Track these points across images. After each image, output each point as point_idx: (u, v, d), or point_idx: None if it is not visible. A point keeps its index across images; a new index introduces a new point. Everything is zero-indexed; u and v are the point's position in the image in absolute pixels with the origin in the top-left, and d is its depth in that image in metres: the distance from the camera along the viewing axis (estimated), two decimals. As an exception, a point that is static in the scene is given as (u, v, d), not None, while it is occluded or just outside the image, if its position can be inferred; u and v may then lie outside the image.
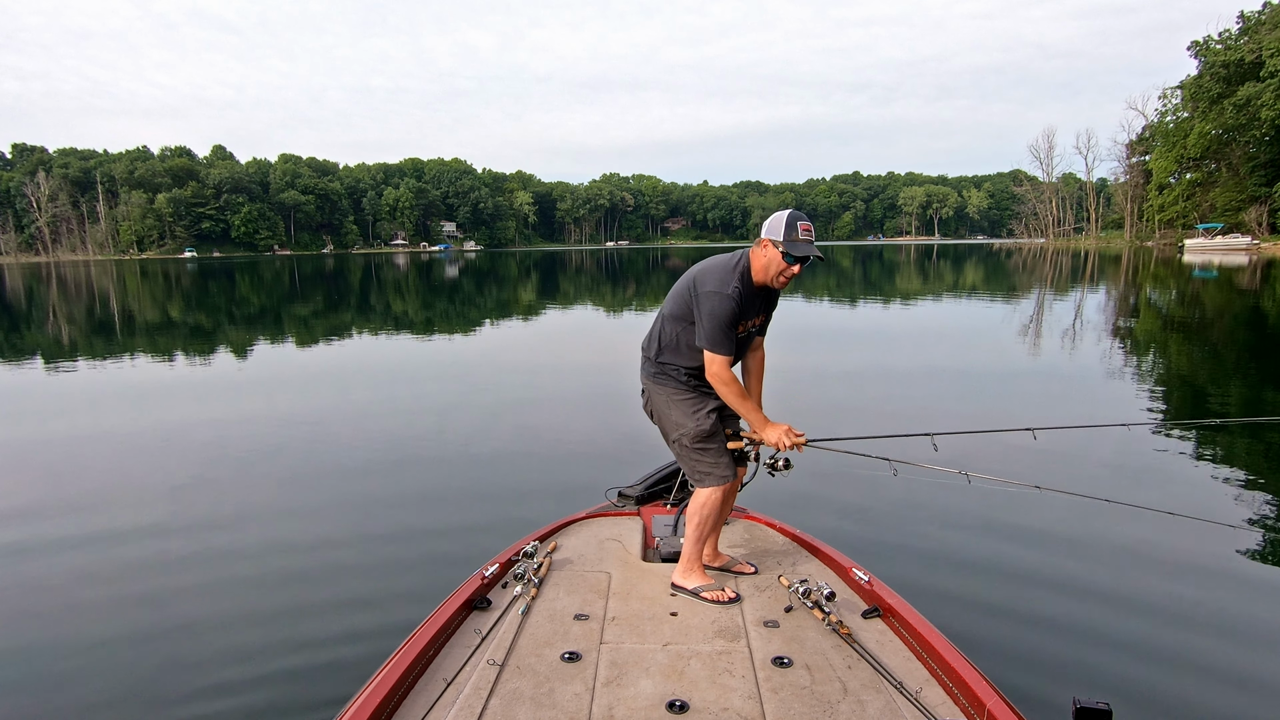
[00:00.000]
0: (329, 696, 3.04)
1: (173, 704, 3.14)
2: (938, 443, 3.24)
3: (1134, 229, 74.14)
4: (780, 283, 2.90)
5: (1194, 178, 62.70)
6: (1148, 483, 5.82)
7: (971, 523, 4.99)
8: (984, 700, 2.22)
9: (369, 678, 2.35)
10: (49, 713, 3.13)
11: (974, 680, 2.30)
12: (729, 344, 2.86)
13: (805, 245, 2.83)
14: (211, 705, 3.12)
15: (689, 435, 3.03)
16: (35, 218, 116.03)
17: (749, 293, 2.92)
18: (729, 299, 2.83)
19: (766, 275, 2.90)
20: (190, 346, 15.13)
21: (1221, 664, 3.35)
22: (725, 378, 2.88)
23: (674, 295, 3.08)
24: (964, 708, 2.29)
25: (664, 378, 3.08)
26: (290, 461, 6.63)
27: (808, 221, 2.86)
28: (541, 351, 13.57)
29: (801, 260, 2.84)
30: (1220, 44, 57.76)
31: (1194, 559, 4.42)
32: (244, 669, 3.35)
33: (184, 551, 4.72)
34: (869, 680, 2.46)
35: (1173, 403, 8.58)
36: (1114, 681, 3.09)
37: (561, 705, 2.31)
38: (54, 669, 3.44)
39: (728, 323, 2.84)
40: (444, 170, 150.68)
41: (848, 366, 11.27)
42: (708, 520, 3.08)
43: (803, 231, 2.83)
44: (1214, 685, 3.10)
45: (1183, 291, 24.25)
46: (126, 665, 3.47)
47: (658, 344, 3.10)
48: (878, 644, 2.69)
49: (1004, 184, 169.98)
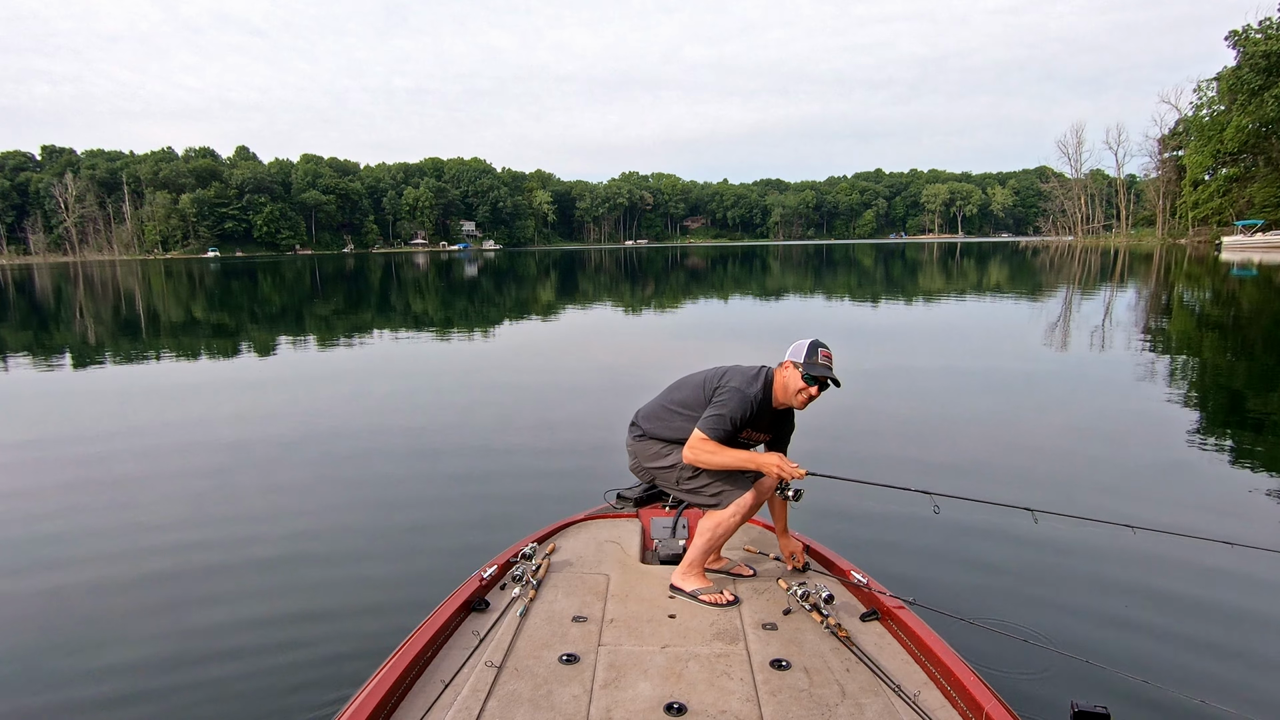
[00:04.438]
0: (326, 698, 3.04)
1: (170, 702, 3.14)
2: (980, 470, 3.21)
3: (1166, 226, 72.64)
4: (800, 402, 3.04)
5: (1230, 173, 60.43)
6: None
7: (969, 525, 4.95)
8: (982, 704, 2.20)
9: (366, 679, 2.36)
10: (46, 707, 3.14)
11: (972, 683, 2.29)
12: (718, 434, 2.98)
13: (824, 369, 2.98)
14: (210, 705, 3.11)
15: (685, 473, 3.12)
16: (63, 218, 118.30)
17: (765, 405, 3.08)
18: (747, 399, 3.00)
19: (786, 394, 3.06)
20: (212, 345, 15.32)
21: (1219, 668, 3.33)
22: (706, 448, 2.98)
23: (688, 385, 3.22)
24: (962, 711, 2.28)
25: (648, 440, 3.23)
26: (286, 464, 6.62)
27: (828, 349, 3.05)
28: (547, 353, 13.55)
29: (819, 382, 2.98)
30: (1260, 34, 55.36)
31: (1191, 564, 4.37)
32: (241, 670, 3.34)
33: (187, 551, 4.74)
34: (867, 683, 2.44)
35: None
36: (1111, 685, 3.05)
37: (559, 707, 2.31)
38: (49, 660, 3.46)
39: (734, 420, 2.99)
40: (463, 170, 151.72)
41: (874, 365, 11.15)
42: (720, 539, 3.13)
43: (823, 357, 3.01)
44: (1212, 690, 3.05)
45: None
46: (128, 663, 3.47)
47: (654, 421, 3.24)
48: (876, 647, 2.69)
49: (1029, 181, 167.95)
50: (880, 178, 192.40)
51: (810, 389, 2.99)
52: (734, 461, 2.96)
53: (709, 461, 2.98)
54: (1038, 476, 5.93)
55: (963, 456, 6.49)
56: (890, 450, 6.69)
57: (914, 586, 3.56)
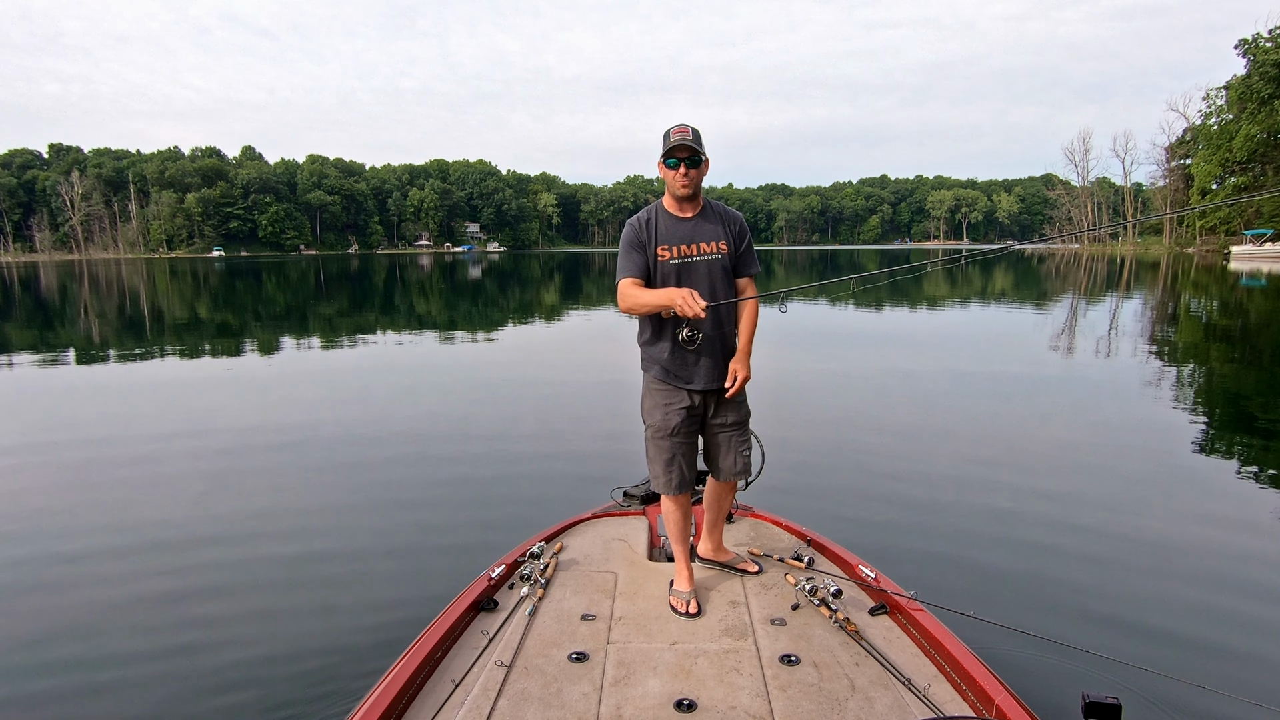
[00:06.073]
0: (337, 698, 3.04)
1: (181, 700, 3.13)
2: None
3: (1173, 235, 72.38)
4: (679, 186, 2.88)
5: (1239, 182, 59.77)
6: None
7: (979, 518, 4.98)
8: (992, 696, 2.19)
9: (377, 679, 2.36)
10: (52, 706, 3.14)
11: (982, 676, 2.28)
12: (627, 268, 2.89)
13: (675, 143, 2.84)
14: (222, 704, 3.10)
15: (651, 427, 3.04)
16: (69, 216, 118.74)
17: (662, 216, 2.95)
18: (633, 223, 2.94)
19: (671, 188, 2.93)
20: (217, 345, 15.36)
21: (1231, 662, 3.34)
22: (623, 294, 2.89)
23: None
24: (972, 704, 2.27)
25: (646, 362, 3.07)
26: (292, 464, 6.61)
27: (682, 125, 2.87)
28: (552, 354, 13.55)
29: (677, 159, 2.85)
30: (1270, 42, 55.23)
31: (1204, 557, 4.42)
32: (251, 670, 3.33)
33: (194, 548, 4.74)
34: (877, 677, 2.44)
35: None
36: (1122, 677, 3.04)
37: (569, 705, 2.31)
38: (48, 652, 3.46)
39: (631, 244, 2.91)
40: (469, 171, 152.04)
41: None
42: (669, 527, 3.13)
43: (674, 134, 2.86)
44: (1222, 682, 3.04)
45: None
46: (137, 660, 3.47)
47: (638, 325, 3.11)
48: (885, 641, 2.68)
49: (1035, 188, 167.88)
50: (886, 183, 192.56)
51: (676, 171, 2.86)
52: (652, 300, 2.81)
53: (632, 306, 2.86)
54: (1046, 482, 5.90)
55: (970, 458, 6.46)
56: (892, 452, 6.67)
57: (923, 581, 3.56)
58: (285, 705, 3.06)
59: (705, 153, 2.91)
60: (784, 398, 8.84)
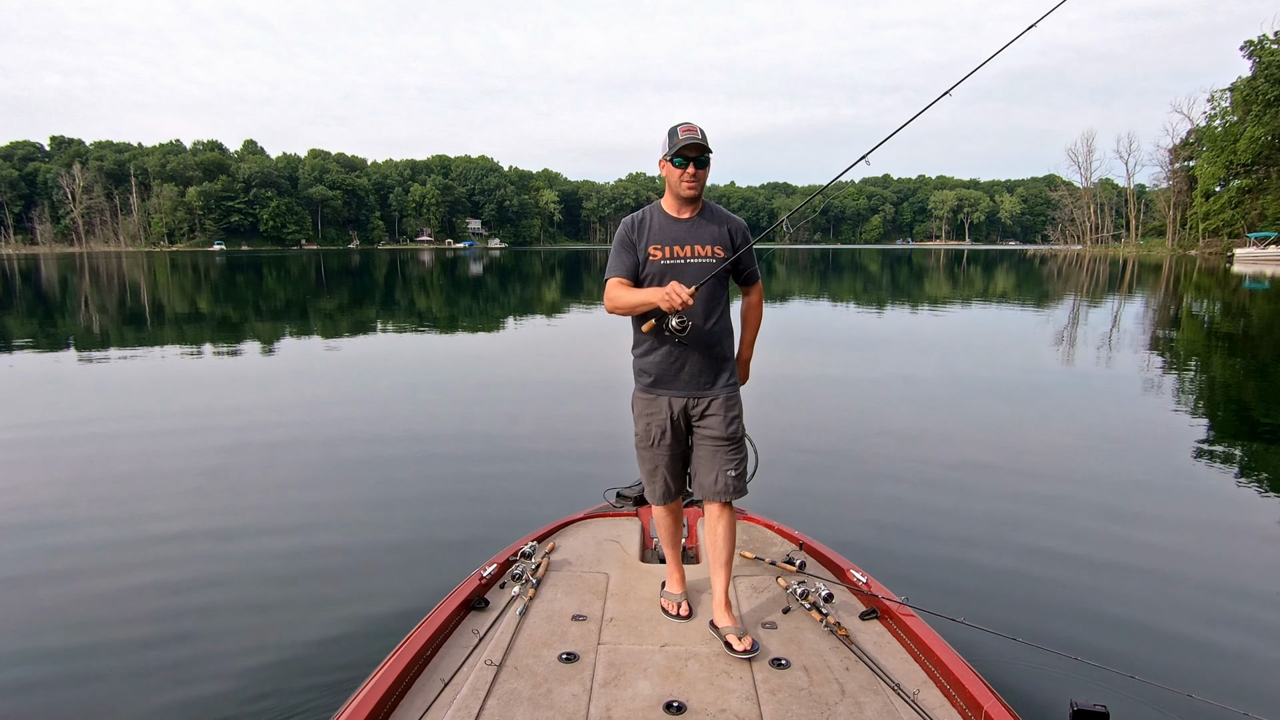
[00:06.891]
0: (325, 696, 3.02)
1: (169, 696, 3.12)
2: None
3: (1176, 237, 72.27)
4: (685, 187, 2.78)
5: (1243, 184, 59.96)
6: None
7: (971, 523, 4.97)
8: (981, 702, 2.19)
9: (366, 678, 2.35)
10: (42, 704, 3.13)
11: (971, 682, 2.29)
12: (615, 267, 2.83)
13: (685, 141, 2.72)
14: (208, 698, 3.09)
15: (636, 437, 2.99)
16: (70, 209, 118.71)
17: (658, 216, 2.88)
18: (626, 222, 2.89)
19: (673, 188, 2.83)
20: (217, 339, 15.35)
21: (1219, 668, 3.33)
22: (609, 294, 2.83)
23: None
24: (961, 710, 2.27)
25: (635, 372, 2.99)
26: (285, 460, 6.60)
27: (690, 124, 2.76)
28: (550, 352, 13.52)
29: (686, 158, 2.74)
30: (1276, 44, 55.31)
31: (1195, 564, 4.42)
32: (238, 668, 3.31)
33: (186, 543, 4.73)
34: (867, 682, 2.44)
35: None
36: (1111, 685, 3.04)
37: (559, 706, 2.30)
38: (47, 643, 3.46)
39: (622, 244, 2.85)
40: (470, 167, 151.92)
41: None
42: (660, 532, 3.10)
43: (683, 133, 2.73)
44: (1211, 689, 3.04)
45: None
46: (125, 656, 3.46)
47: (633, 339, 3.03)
48: (875, 645, 2.68)
49: (1038, 189, 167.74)
50: (888, 183, 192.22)
51: (684, 170, 2.75)
52: (636, 300, 2.74)
53: (616, 306, 2.81)
54: (1040, 487, 5.89)
55: (964, 462, 6.45)
56: (887, 455, 6.66)
57: (913, 586, 3.56)
58: (273, 698, 3.05)
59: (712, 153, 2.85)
60: (779, 400, 8.83)
